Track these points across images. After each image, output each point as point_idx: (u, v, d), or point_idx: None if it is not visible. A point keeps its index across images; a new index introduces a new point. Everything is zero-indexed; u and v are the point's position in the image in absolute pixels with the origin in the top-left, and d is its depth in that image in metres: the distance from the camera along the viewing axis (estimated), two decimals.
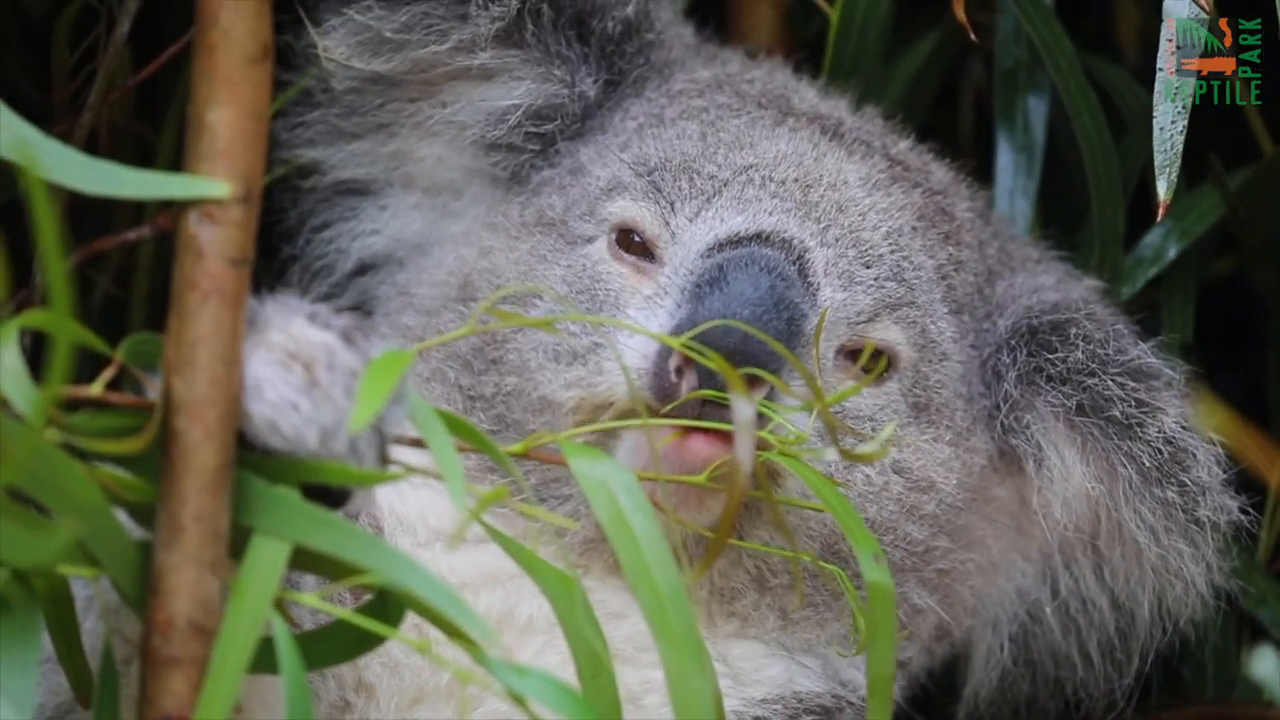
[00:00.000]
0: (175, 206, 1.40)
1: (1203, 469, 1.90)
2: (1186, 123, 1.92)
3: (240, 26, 1.40)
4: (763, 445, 1.61)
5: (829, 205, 1.89)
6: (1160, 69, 1.93)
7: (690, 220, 1.86)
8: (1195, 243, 2.23)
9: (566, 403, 1.81)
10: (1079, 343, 1.92)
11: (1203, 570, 1.92)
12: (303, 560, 1.40)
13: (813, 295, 1.82)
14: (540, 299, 1.87)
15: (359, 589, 1.43)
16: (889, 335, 1.87)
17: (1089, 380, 1.91)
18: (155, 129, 2.25)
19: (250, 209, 1.41)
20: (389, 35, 1.97)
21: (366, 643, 1.45)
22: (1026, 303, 1.99)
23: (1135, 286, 2.21)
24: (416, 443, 1.47)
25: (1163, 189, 1.93)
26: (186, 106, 1.42)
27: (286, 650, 1.37)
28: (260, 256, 1.43)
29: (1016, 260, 2.07)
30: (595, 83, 2.01)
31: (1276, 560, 2.25)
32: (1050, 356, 1.92)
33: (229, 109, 1.40)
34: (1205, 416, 1.93)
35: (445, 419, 1.42)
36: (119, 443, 1.36)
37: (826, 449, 1.63)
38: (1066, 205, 2.33)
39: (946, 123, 2.43)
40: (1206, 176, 2.23)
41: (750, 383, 1.58)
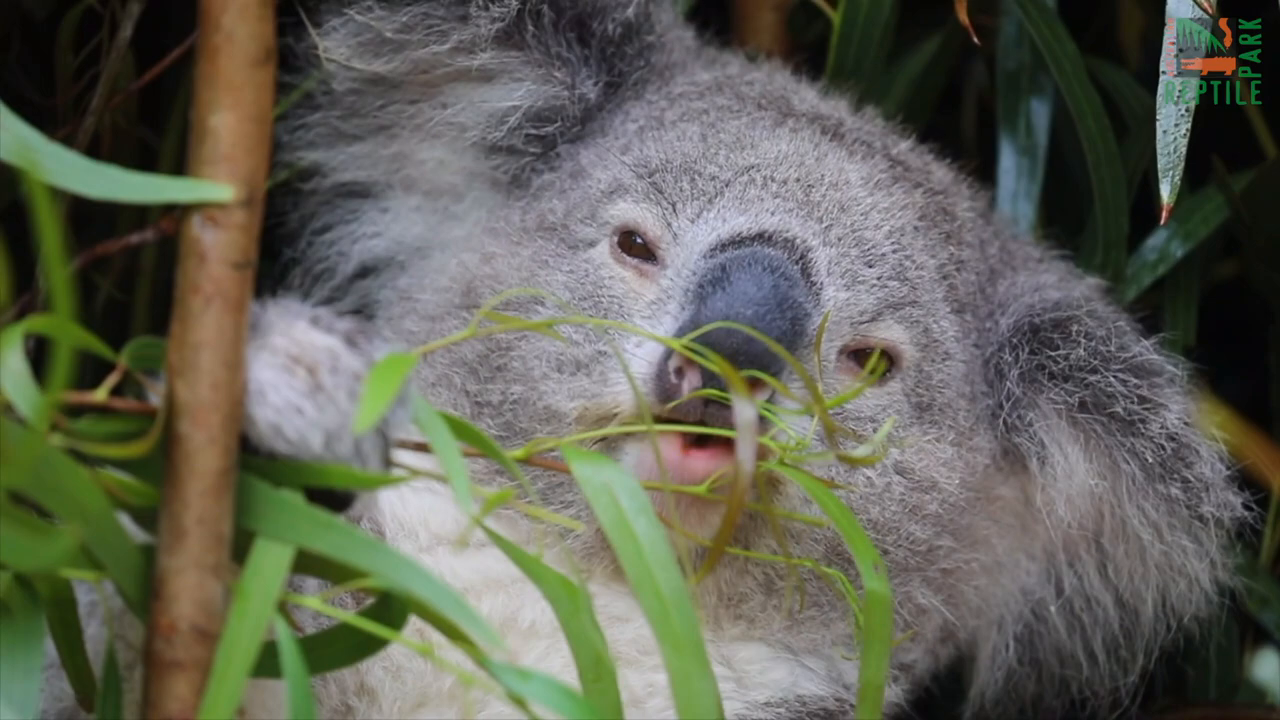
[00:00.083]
0: (178, 210, 1.40)
1: (1206, 465, 1.90)
2: (1190, 126, 1.92)
3: (243, 30, 1.40)
4: (763, 454, 1.60)
5: (831, 205, 1.88)
6: (1163, 72, 1.93)
7: (692, 221, 1.86)
8: (1199, 245, 2.23)
9: (570, 413, 1.81)
10: (1081, 340, 1.92)
11: (1206, 566, 1.92)
12: (306, 564, 1.40)
13: (816, 295, 1.82)
14: (543, 305, 1.87)
15: (361, 593, 1.42)
16: (892, 335, 1.87)
17: (1091, 377, 1.90)
18: (158, 133, 2.24)
19: (253, 212, 1.40)
20: (389, 36, 1.97)
21: (369, 646, 1.44)
22: (1028, 301, 1.98)
23: (1138, 289, 2.21)
24: (419, 447, 1.47)
25: (1166, 192, 1.93)
26: (189, 110, 1.42)
27: (290, 654, 1.37)
28: (262, 260, 1.43)
29: (1018, 259, 2.07)
30: (596, 85, 2.01)
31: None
32: (1052, 354, 1.92)
33: (232, 112, 1.40)
34: (1208, 419, 1.92)
35: (449, 422, 1.42)
36: (122, 447, 1.36)
37: (826, 455, 1.63)
38: (1068, 208, 2.33)
39: (949, 125, 2.42)
40: (1210, 179, 2.23)
41: (752, 385, 1.58)
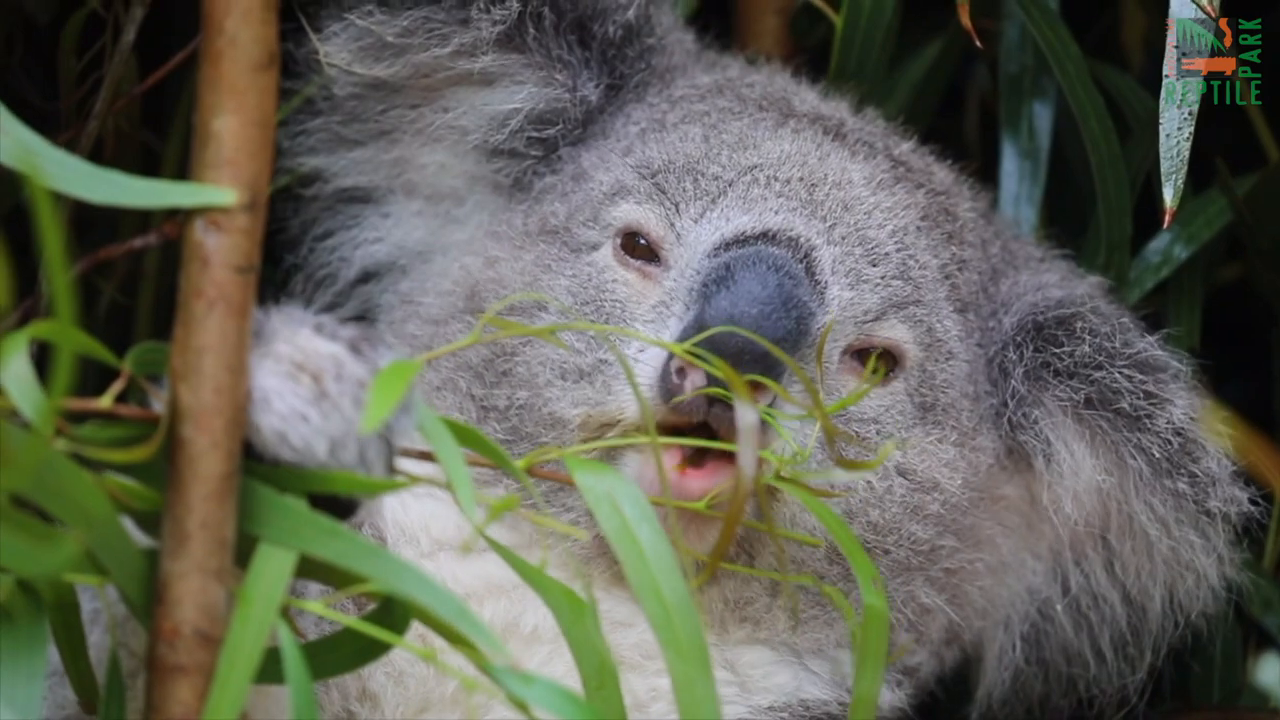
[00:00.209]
0: (181, 214, 1.40)
1: (1212, 460, 1.89)
2: (1193, 129, 1.92)
3: (246, 34, 1.40)
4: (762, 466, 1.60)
5: (834, 204, 1.88)
6: (1166, 74, 1.93)
7: (695, 221, 1.86)
8: (1202, 248, 2.23)
9: (574, 420, 1.81)
10: (1085, 336, 1.91)
11: (1214, 562, 1.92)
12: (308, 569, 1.40)
13: (820, 293, 1.81)
14: (547, 311, 1.87)
15: (363, 598, 1.42)
16: (896, 334, 1.87)
17: (1096, 373, 1.90)
18: (161, 137, 2.24)
19: (256, 217, 1.40)
20: (390, 40, 1.97)
21: (372, 651, 1.44)
22: (1031, 299, 1.98)
23: (1141, 292, 2.21)
24: (422, 454, 1.46)
25: (1169, 195, 1.93)
26: (192, 114, 1.42)
27: (292, 659, 1.37)
28: (263, 266, 1.43)
29: (1020, 259, 2.06)
30: (597, 87, 2.01)
31: None
32: (1057, 351, 1.92)
33: (235, 117, 1.40)
34: (1211, 422, 1.92)
35: (453, 428, 1.42)
36: (125, 451, 1.36)
37: (827, 468, 1.64)
38: (1071, 211, 2.33)
39: (951, 129, 2.42)
40: (1213, 182, 2.22)
41: (754, 388, 1.58)
